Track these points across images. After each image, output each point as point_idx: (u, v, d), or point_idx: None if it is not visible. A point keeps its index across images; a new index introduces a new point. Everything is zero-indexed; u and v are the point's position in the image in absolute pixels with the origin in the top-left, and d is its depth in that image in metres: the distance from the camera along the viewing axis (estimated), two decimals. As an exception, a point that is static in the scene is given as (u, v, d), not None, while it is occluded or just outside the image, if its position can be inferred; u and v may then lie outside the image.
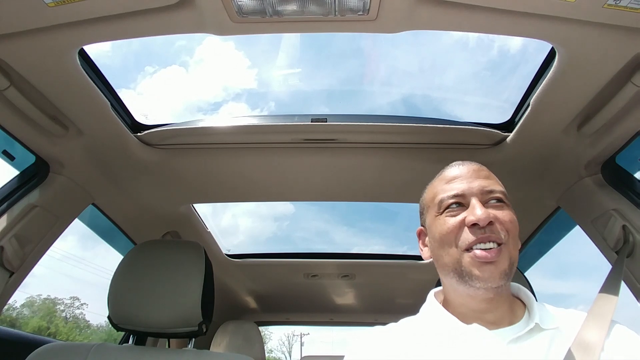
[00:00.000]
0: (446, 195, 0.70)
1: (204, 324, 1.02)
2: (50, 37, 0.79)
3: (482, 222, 0.64)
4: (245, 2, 0.74)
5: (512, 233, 0.66)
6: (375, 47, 2.07)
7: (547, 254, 1.70)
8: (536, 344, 0.63)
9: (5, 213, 1.09)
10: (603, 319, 0.67)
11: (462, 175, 0.71)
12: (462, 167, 0.73)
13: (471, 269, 0.64)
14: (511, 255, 0.65)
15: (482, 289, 0.64)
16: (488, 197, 0.68)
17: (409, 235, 3.20)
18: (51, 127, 1.03)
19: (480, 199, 0.67)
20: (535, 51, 0.97)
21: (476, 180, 0.69)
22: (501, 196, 0.68)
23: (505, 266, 0.63)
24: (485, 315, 0.67)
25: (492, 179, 0.71)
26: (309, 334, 28.04)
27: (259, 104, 5.36)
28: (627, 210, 1.03)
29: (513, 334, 0.64)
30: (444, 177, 0.74)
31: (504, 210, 0.67)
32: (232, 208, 2.89)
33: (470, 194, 0.68)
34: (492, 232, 0.64)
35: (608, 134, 1.00)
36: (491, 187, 0.69)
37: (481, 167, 0.73)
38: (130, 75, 5.85)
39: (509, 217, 0.66)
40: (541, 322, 0.65)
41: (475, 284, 0.64)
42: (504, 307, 0.68)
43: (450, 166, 0.75)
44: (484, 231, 0.64)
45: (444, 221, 0.69)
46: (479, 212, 0.64)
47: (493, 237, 0.64)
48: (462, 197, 0.68)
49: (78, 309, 20.45)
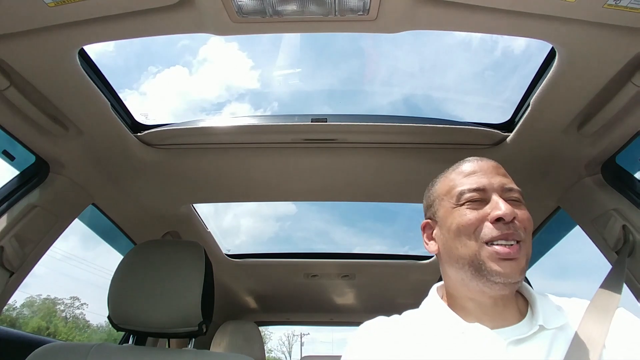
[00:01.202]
0: (466, 187, 0.69)
1: (204, 324, 1.02)
2: (50, 37, 0.79)
3: (508, 218, 0.64)
4: (245, 2, 0.74)
5: (529, 231, 0.66)
6: (376, 47, 2.07)
7: (547, 254, 1.70)
8: (537, 344, 0.63)
9: (5, 213, 1.09)
10: (605, 314, 0.67)
11: (482, 170, 0.71)
12: (481, 162, 0.73)
13: (491, 264, 0.64)
14: (528, 252, 0.66)
15: (501, 284, 0.64)
16: (508, 195, 0.68)
17: (409, 235, 3.20)
18: (51, 127, 1.03)
19: (500, 195, 0.67)
20: (535, 51, 0.97)
21: (497, 177, 0.70)
22: (519, 195, 0.69)
23: (523, 263, 0.64)
24: (490, 312, 0.67)
25: (509, 178, 0.71)
26: (309, 334, 28.06)
27: (259, 104, 5.35)
28: (627, 210, 1.04)
29: (515, 335, 0.63)
30: (462, 170, 0.73)
31: (522, 209, 0.68)
32: (234, 208, 2.89)
33: (492, 189, 0.68)
34: (514, 230, 0.65)
35: (608, 134, 1.00)
36: (510, 185, 0.69)
37: (499, 164, 0.73)
38: (130, 75, 5.84)
39: (527, 215, 0.67)
40: (545, 322, 0.64)
41: (495, 279, 0.63)
42: (509, 304, 0.68)
43: (467, 160, 0.74)
44: (508, 227, 0.64)
45: (464, 212, 0.68)
46: (504, 208, 0.64)
47: (516, 235, 0.64)
48: (483, 192, 0.68)
49: (78, 309, 20.47)
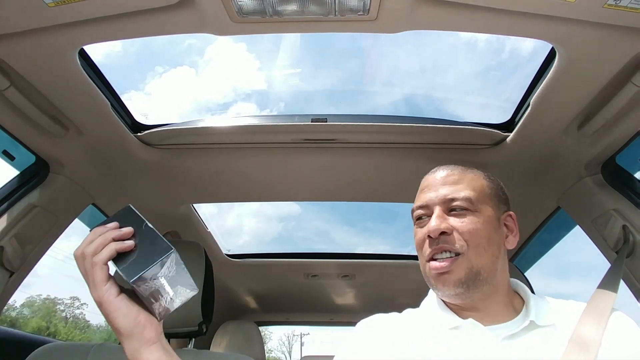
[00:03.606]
0: (416, 205, 0.72)
1: (204, 324, 1.02)
2: (50, 37, 0.79)
3: (434, 234, 0.66)
4: (245, 2, 0.74)
5: (473, 242, 0.65)
6: (376, 47, 2.07)
7: (547, 254, 1.70)
8: (530, 341, 0.63)
9: (5, 213, 1.09)
10: (601, 315, 0.67)
11: (431, 184, 0.71)
12: (434, 174, 0.73)
13: (430, 279, 0.68)
14: (472, 264, 0.64)
15: (446, 297, 0.68)
16: (449, 205, 0.68)
17: (409, 235, 3.18)
18: (51, 127, 1.03)
19: (442, 208, 0.68)
20: (535, 51, 0.97)
21: (441, 189, 0.69)
22: (464, 204, 0.67)
23: (460, 275, 0.64)
24: (479, 311, 0.67)
25: (461, 184, 0.69)
26: (309, 334, 28.06)
27: (259, 104, 5.35)
28: (627, 210, 1.03)
29: (508, 331, 0.64)
30: (421, 185, 0.74)
31: (464, 219, 0.66)
32: (236, 208, 2.89)
33: (433, 204, 0.69)
34: (445, 243, 0.65)
35: (608, 134, 1.00)
36: (453, 195, 0.68)
37: (452, 171, 0.72)
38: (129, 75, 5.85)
39: (468, 226, 0.65)
40: (537, 319, 0.65)
41: (438, 293, 0.69)
42: (500, 304, 0.68)
43: (429, 172, 0.75)
44: (437, 242, 0.66)
45: (416, 232, 0.71)
46: (431, 224, 0.66)
47: (447, 247, 0.65)
48: (427, 208, 0.70)
49: (78, 309, 20.47)
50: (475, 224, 0.66)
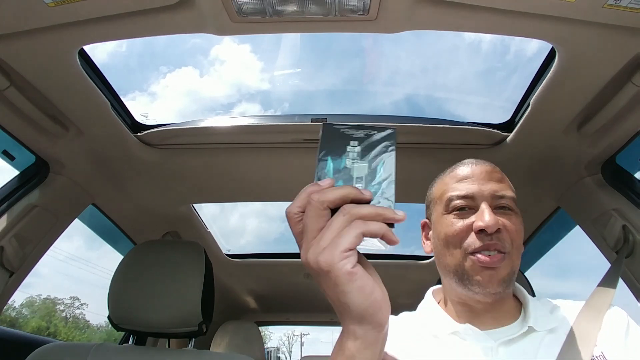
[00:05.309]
0: (455, 194, 0.67)
1: (204, 324, 1.02)
2: (50, 37, 0.79)
3: (490, 230, 0.62)
4: (245, 2, 0.74)
5: (517, 243, 0.65)
6: (376, 47, 2.07)
7: (547, 254, 1.70)
8: (527, 346, 0.63)
9: (5, 213, 1.09)
10: (598, 312, 0.67)
11: (475, 176, 0.68)
12: (474, 166, 0.70)
13: (472, 274, 0.63)
14: (513, 264, 0.64)
15: (481, 294, 0.63)
16: (498, 202, 0.66)
17: (409, 235, 3.19)
18: (51, 127, 1.03)
19: (490, 203, 0.65)
20: (535, 51, 0.97)
21: (488, 183, 0.67)
22: (511, 203, 0.66)
23: (504, 274, 0.63)
24: (481, 316, 0.67)
25: (505, 183, 0.69)
26: (309, 334, 28.07)
27: (259, 104, 5.36)
28: (627, 210, 1.03)
29: (505, 336, 0.63)
30: (455, 174, 0.71)
31: (512, 218, 0.65)
32: (237, 208, 2.90)
33: (481, 197, 0.65)
34: (498, 240, 0.63)
35: (608, 134, 1.00)
36: (502, 192, 0.66)
37: (494, 168, 0.70)
38: (130, 75, 5.85)
39: (516, 226, 0.65)
40: (535, 324, 0.64)
41: (474, 289, 0.63)
42: (502, 309, 0.68)
43: (462, 163, 0.72)
44: (491, 238, 0.63)
45: (451, 222, 0.66)
46: (487, 219, 0.62)
47: (498, 246, 0.63)
48: (471, 200, 0.66)
49: (78, 309, 20.48)
50: (519, 225, 0.66)
